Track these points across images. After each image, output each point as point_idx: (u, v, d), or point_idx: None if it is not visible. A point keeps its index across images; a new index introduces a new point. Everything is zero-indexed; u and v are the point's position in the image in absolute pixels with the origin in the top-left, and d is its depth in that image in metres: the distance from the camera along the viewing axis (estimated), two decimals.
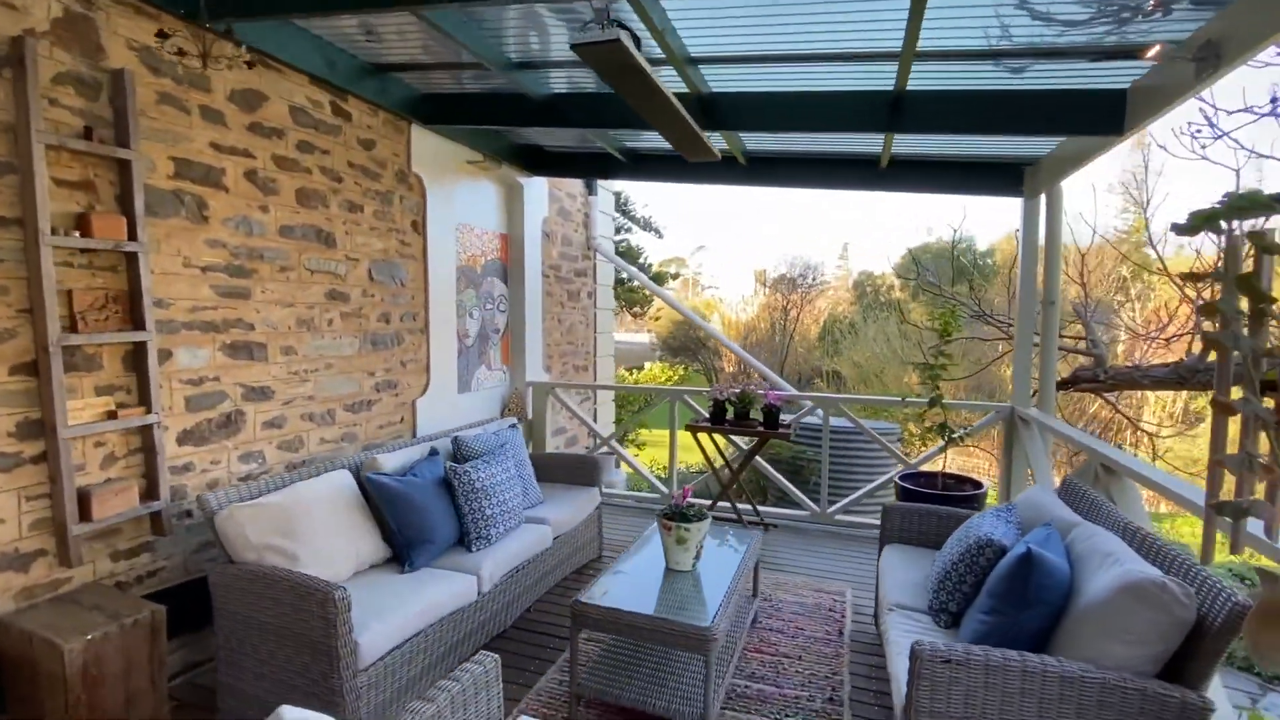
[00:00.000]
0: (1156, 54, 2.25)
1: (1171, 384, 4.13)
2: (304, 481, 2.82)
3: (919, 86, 3.09)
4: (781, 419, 4.43)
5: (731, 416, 4.50)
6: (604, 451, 5.81)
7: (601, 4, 2.16)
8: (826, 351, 18.16)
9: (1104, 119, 2.88)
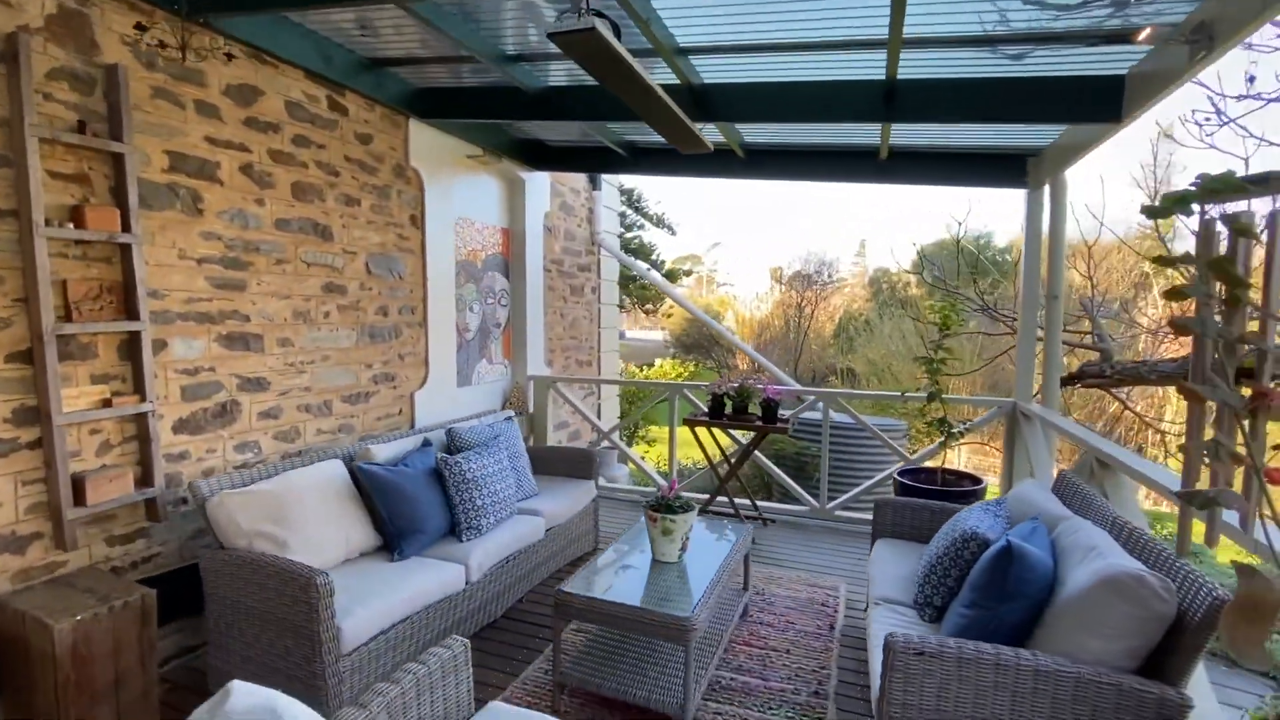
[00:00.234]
0: (1148, 36, 2.20)
1: (1179, 379, 4.03)
2: (296, 470, 2.86)
3: (912, 75, 3.04)
4: (781, 414, 4.41)
5: (730, 411, 4.49)
6: (606, 446, 5.82)
7: None
8: (841, 349, 18.00)
9: (1102, 106, 2.82)
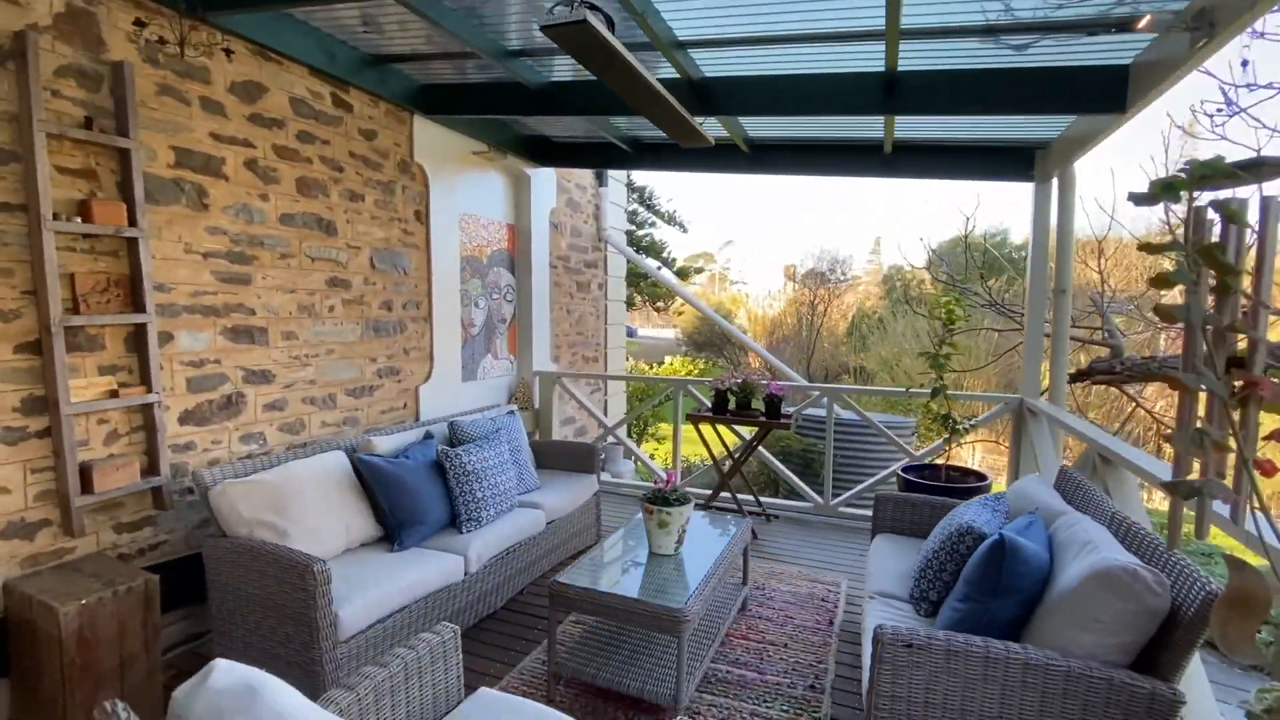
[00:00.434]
0: (1148, 24, 2.16)
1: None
2: (298, 461, 2.91)
3: (913, 67, 3.02)
4: (784, 410, 4.40)
5: (733, 407, 4.48)
6: (611, 442, 5.84)
7: None
8: (854, 348, 17.87)
9: (1106, 97, 2.78)
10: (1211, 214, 1.22)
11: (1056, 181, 3.94)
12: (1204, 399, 1.20)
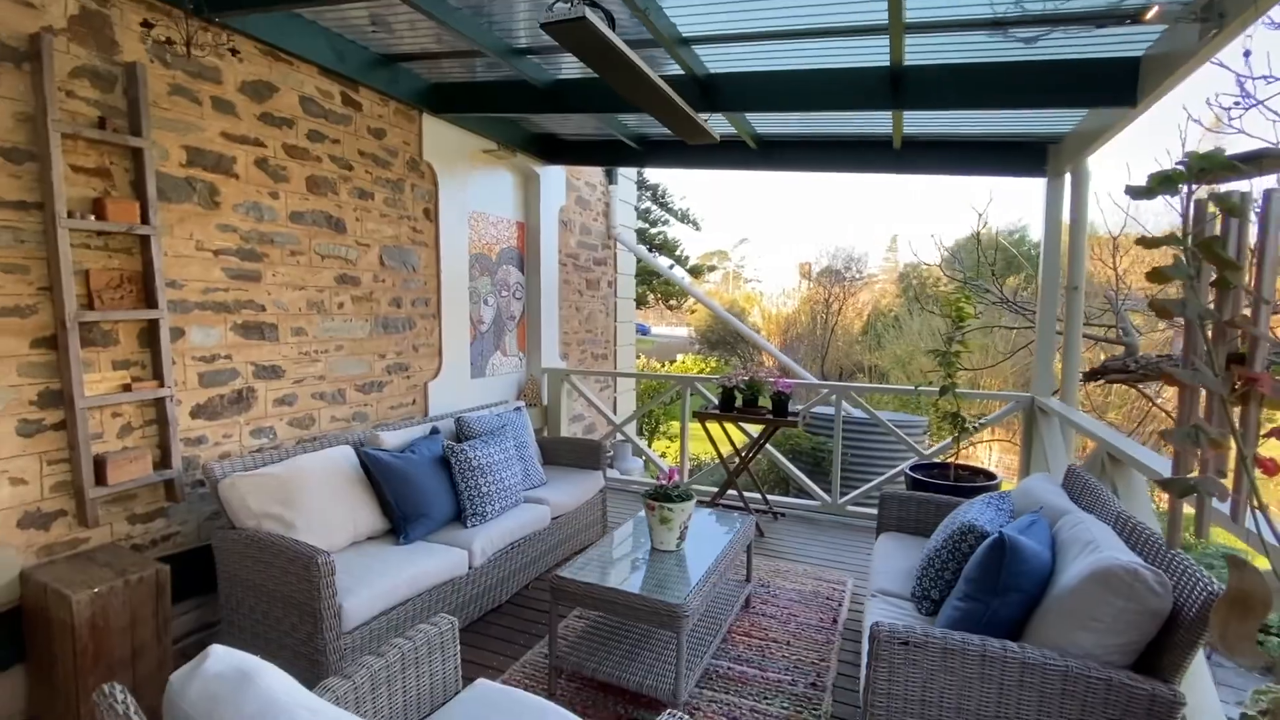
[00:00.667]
0: (1156, 15, 2.12)
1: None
2: (305, 455, 2.95)
3: (919, 61, 2.99)
4: (792, 408, 4.38)
5: (740, 404, 4.47)
6: (620, 439, 5.86)
7: None
8: (869, 346, 17.73)
9: (1117, 90, 2.73)
10: (1212, 208, 1.20)
11: (1069, 177, 3.88)
12: (1205, 396, 1.18)
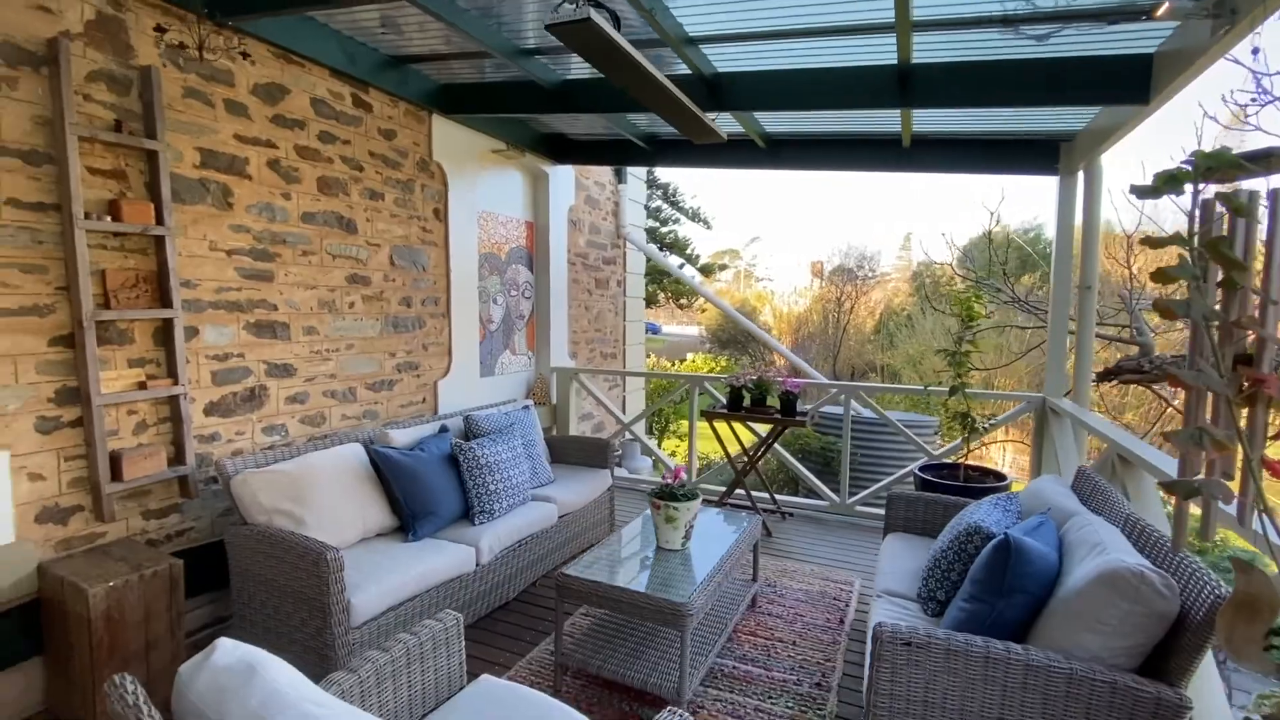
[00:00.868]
0: (1167, 11, 2.10)
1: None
2: (316, 452, 2.99)
3: (928, 59, 2.97)
4: (800, 407, 4.37)
5: (748, 404, 4.46)
6: (628, 438, 5.87)
7: None
8: (881, 345, 17.61)
9: (1128, 87, 2.70)
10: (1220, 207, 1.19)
11: (1082, 175, 3.84)
12: (1213, 397, 1.17)
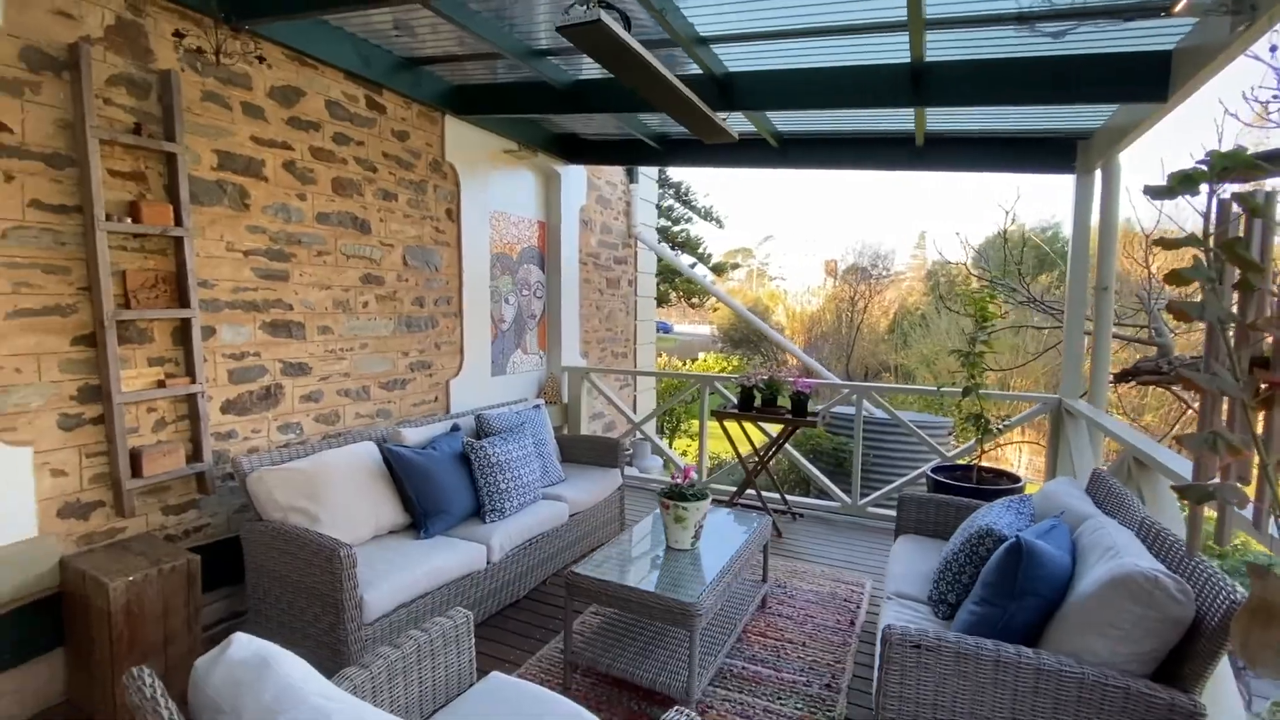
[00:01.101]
0: (1184, 8, 2.06)
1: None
2: (330, 450, 3.03)
3: (942, 57, 2.95)
4: (812, 407, 4.36)
5: (759, 404, 4.45)
6: (639, 438, 5.88)
7: None
8: (895, 345, 17.48)
9: (1146, 85, 2.66)
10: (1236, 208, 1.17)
11: (1100, 173, 3.79)
12: (1228, 400, 1.16)
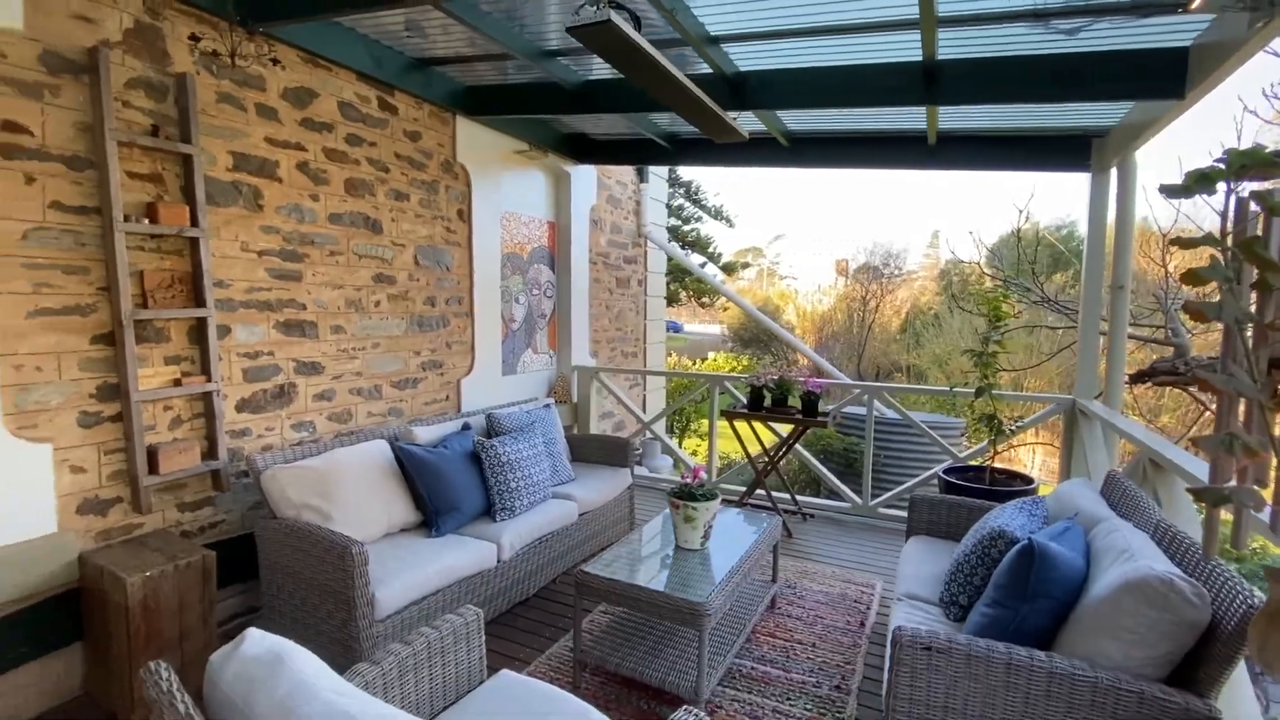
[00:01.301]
0: (1201, 4, 2.03)
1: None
2: (343, 448, 3.06)
3: (955, 55, 2.92)
4: (822, 408, 4.34)
5: (769, 404, 4.44)
6: (649, 437, 5.89)
7: None
8: (907, 345, 17.36)
9: (1163, 82, 2.62)
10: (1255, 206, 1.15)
11: (1115, 172, 3.75)
12: (1246, 401, 1.14)
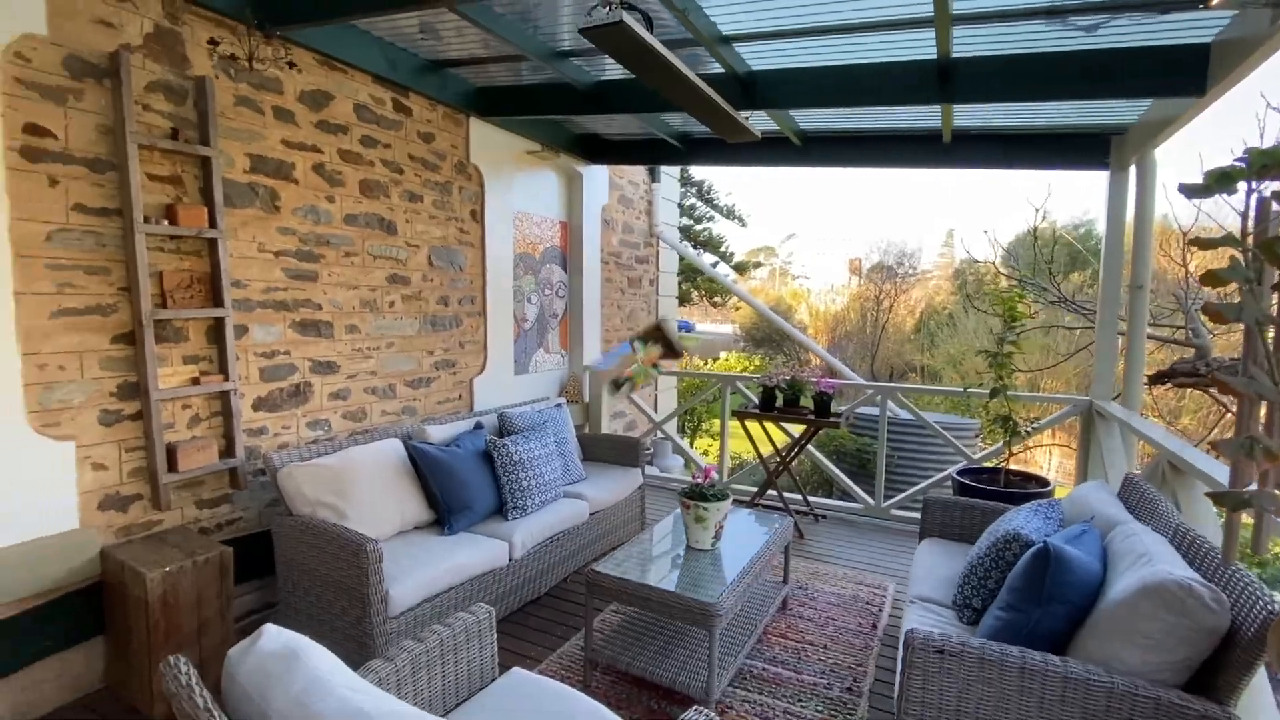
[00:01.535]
0: (1222, 0, 2.00)
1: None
2: (357, 447, 3.09)
3: (970, 53, 2.90)
4: (835, 408, 4.32)
5: (781, 404, 4.43)
6: (660, 437, 5.89)
7: None
8: (921, 345, 17.21)
9: (1183, 79, 2.58)
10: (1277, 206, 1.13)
11: (1134, 170, 3.69)
12: (1267, 404, 1.12)
